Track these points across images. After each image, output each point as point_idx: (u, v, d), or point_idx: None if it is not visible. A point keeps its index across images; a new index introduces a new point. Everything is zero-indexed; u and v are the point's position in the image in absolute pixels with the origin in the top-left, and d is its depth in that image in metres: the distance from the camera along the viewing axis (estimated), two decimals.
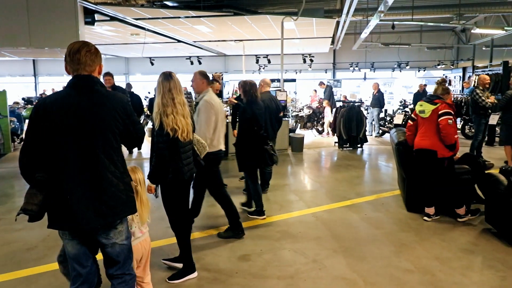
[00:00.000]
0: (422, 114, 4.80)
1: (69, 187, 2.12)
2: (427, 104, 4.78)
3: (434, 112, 4.67)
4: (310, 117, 13.62)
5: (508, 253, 3.88)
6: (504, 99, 7.36)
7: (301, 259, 3.80)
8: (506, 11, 12.13)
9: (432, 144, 4.68)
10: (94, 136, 2.14)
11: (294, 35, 13.57)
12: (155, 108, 3.18)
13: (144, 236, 2.88)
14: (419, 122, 4.89)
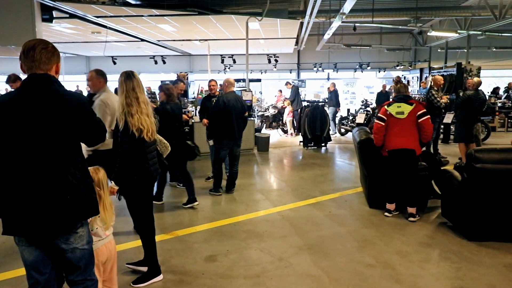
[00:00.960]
0: (400, 115, 4.83)
1: (25, 190, 2.03)
2: (405, 105, 4.85)
3: (412, 113, 4.80)
4: (275, 117, 13.75)
5: (463, 245, 4.09)
6: (462, 98, 7.74)
7: (268, 257, 3.83)
8: (459, 15, 12.75)
9: (411, 143, 4.81)
10: (51, 137, 2.05)
11: (259, 35, 13.64)
12: (118, 109, 3.10)
13: (109, 238, 2.82)
14: (392, 122, 4.87)
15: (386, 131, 4.92)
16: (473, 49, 17.32)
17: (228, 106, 5.73)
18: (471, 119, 7.65)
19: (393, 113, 4.88)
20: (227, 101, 5.74)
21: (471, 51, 16.49)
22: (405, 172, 4.88)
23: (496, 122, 13.08)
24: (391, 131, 4.90)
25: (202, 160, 8.58)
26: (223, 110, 5.72)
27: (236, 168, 6.15)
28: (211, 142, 6.16)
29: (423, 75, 16.00)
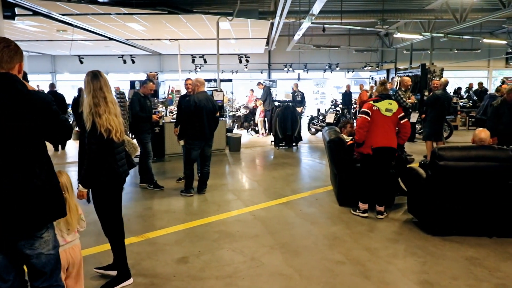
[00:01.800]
0: (388, 113, 4.84)
1: None
2: (395, 103, 4.91)
3: (397, 113, 4.89)
4: (247, 117, 13.77)
5: (428, 240, 4.25)
6: (431, 98, 8.02)
7: (239, 257, 3.84)
8: (423, 17, 13.22)
9: (394, 142, 4.90)
10: (15, 138, 1.99)
11: (230, 35, 13.62)
12: (85, 109, 3.02)
13: (71, 244, 2.74)
14: (378, 119, 4.81)
15: (369, 127, 4.82)
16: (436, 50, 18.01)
17: (199, 106, 5.70)
18: (440, 118, 7.94)
19: (382, 109, 4.82)
20: (198, 101, 5.71)
21: (435, 53, 17.13)
22: (384, 171, 4.96)
23: (458, 121, 13.63)
24: (376, 128, 4.81)
25: (173, 161, 8.51)
26: (194, 110, 5.69)
27: (207, 168, 6.12)
28: (181, 142, 6.11)
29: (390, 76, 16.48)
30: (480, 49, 19.13)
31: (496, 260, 3.74)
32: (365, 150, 4.84)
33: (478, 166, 4.10)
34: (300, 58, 20.56)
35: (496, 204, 4.16)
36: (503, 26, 16.27)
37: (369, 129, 4.82)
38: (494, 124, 6.49)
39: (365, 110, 4.84)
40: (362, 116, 4.85)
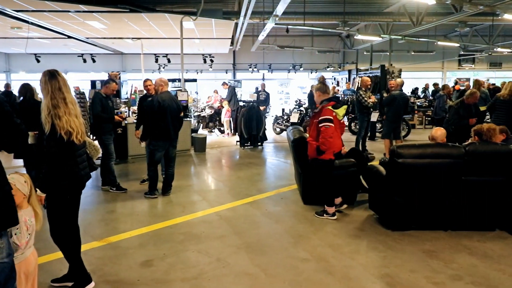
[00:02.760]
0: (340, 118, 4.95)
1: None
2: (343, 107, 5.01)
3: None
4: (212, 117, 13.70)
5: (388, 235, 4.41)
6: (388, 98, 8.31)
7: (205, 259, 3.83)
8: (382, 20, 13.67)
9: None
10: None
11: (194, 35, 13.51)
12: (43, 111, 2.89)
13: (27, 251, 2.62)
14: (336, 125, 4.88)
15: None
16: (394, 52, 18.69)
17: (163, 106, 5.62)
18: (397, 117, 8.24)
19: (339, 115, 4.91)
20: (161, 101, 5.63)
21: (393, 54, 17.78)
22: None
23: (415, 120, 14.20)
24: (336, 134, 4.90)
25: (137, 162, 8.34)
26: (158, 110, 5.61)
27: (172, 169, 6.04)
28: (143, 143, 5.98)
29: (351, 76, 16.93)
30: (435, 51, 20.04)
31: (451, 252, 3.94)
32: (328, 156, 4.83)
33: (433, 163, 4.29)
34: (264, 58, 20.70)
35: (450, 199, 4.37)
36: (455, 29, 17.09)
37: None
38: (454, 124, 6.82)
39: (330, 118, 4.76)
40: (330, 125, 4.74)
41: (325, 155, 4.80)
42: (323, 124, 4.70)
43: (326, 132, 4.70)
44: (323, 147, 4.73)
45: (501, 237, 4.31)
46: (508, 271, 3.55)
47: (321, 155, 4.80)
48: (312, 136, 4.91)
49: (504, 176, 4.27)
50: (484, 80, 18.37)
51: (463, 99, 7.02)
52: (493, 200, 4.36)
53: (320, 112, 4.79)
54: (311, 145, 4.90)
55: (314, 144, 4.84)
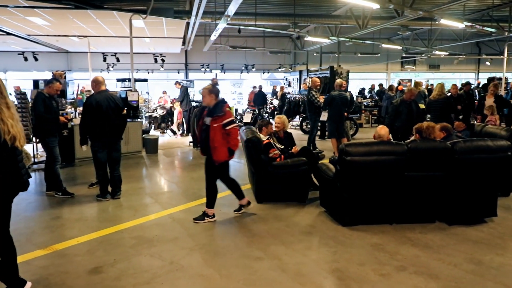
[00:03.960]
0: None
1: None
2: None
3: None
4: (164, 117, 13.44)
5: (338, 230, 4.56)
6: (327, 98, 8.63)
7: (158, 262, 3.76)
8: (330, 22, 14.12)
9: None
10: None
11: (144, 33, 13.18)
12: None
13: None
14: None
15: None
16: (343, 54, 19.37)
17: (98, 106, 5.44)
18: (339, 116, 8.55)
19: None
20: (97, 101, 5.45)
21: (341, 56, 18.42)
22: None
23: (362, 119, 14.81)
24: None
25: (85, 165, 8.01)
26: (93, 111, 5.43)
27: (117, 172, 5.86)
28: (84, 147, 5.74)
29: (302, 77, 17.33)
30: (380, 53, 21.05)
31: (396, 245, 4.15)
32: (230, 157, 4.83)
33: (379, 160, 4.50)
34: (217, 58, 20.64)
35: (395, 194, 4.62)
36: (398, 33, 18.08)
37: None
38: (392, 121, 7.19)
39: (233, 119, 4.84)
40: (236, 125, 4.81)
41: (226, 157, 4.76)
42: (231, 126, 4.68)
43: (235, 132, 4.74)
44: (236, 147, 4.74)
45: (440, 228, 4.61)
46: (447, 259, 3.80)
47: (232, 156, 4.78)
48: (218, 141, 4.63)
49: (443, 171, 4.57)
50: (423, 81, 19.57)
51: (403, 97, 7.44)
52: (433, 194, 4.65)
53: (224, 114, 4.68)
54: (222, 149, 4.65)
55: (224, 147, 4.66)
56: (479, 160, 4.55)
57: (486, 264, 3.71)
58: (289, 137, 6.31)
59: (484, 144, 4.63)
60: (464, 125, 6.58)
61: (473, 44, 22.56)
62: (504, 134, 5.85)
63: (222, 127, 4.65)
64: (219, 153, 4.67)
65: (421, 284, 3.35)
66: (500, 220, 4.82)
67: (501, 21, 13.86)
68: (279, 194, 5.62)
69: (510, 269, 3.62)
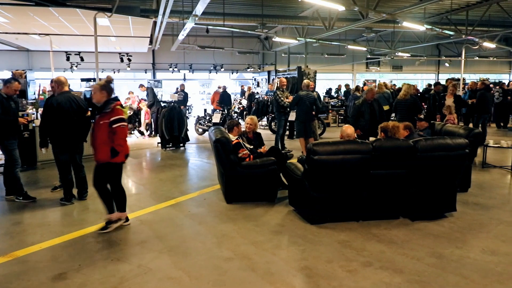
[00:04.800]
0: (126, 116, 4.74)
1: None
2: None
3: None
4: (131, 118, 13.16)
5: (306, 229, 4.63)
6: (295, 98, 8.74)
7: (125, 266, 3.68)
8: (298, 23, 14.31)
9: None
10: None
11: (110, 32, 12.85)
12: None
13: None
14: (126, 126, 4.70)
15: None
16: (310, 55, 19.68)
17: (61, 108, 5.27)
18: (307, 116, 8.68)
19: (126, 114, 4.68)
20: (58, 103, 5.29)
21: (309, 57, 18.71)
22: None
23: (330, 119, 15.09)
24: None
25: (47, 168, 7.73)
26: (54, 113, 5.25)
27: (83, 173, 5.70)
28: (44, 150, 5.54)
29: (271, 77, 17.46)
30: (346, 54, 21.53)
31: (362, 241, 4.26)
32: (121, 158, 4.51)
33: (345, 158, 4.60)
34: (185, 58, 20.44)
35: (361, 192, 4.74)
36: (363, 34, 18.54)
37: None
38: (356, 121, 7.38)
39: (123, 117, 4.52)
40: (125, 125, 4.51)
41: (118, 158, 4.45)
42: (118, 124, 4.40)
43: (122, 132, 4.46)
44: (120, 148, 4.42)
45: (404, 224, 4.78)
46: (410, 254, 3.95)
47: (114, 157, 4.42)
48: (101, 139, 4.41)
49: (406, 169, 4.73)
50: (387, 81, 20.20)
51: (364, 97, 7.65)
52: (397, 191, 4.81)
53: (112, 111, 4.44)
54: (104, 148, 4.40)
55: (107, 146, 4.39)
56: (439, 157, 4.74)
57: (447, 257, 3.88)
58: (258, 137, 6.35)
59: (443, 142, 4.84)
60: (426, 124, 6.84)
61: (433, 46, 23.48)
62: (462, 133, 6.14)
63: (108, 125, 4.39)
64: (101, 152, 4.41)
65: (386, 278, 3.46)
66: (459, 215, 5.05)
67: (459, 24, 14.53)
68: (248, 194, 5.64)
69: (469, 261, 3.80)
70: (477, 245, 4.17)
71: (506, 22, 14.99)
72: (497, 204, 5.55)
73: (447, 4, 13.06)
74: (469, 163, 5.96)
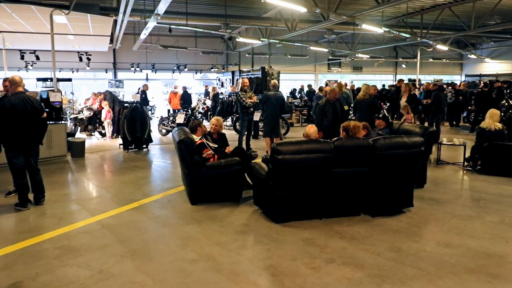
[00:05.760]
0: None
1: None
2: None
3: None
4: (91, 119, 12.75)
5: (271, 228, 4.68)
6: (263, 98, 8.82)
7: (86, 272, 3.57)
8: (261, 24, 14.40)
9: None
10: None
11: (67, 30, 12.39)
12: None
13: None
14: None
15: None
16: (273, 55, 19.87)
17: (14, 109, 5.04)
18: (275, 115, 8.77)
19: None
20: (11, 104, 5.04)
21: (272, 57, 18.89)
22: None
23: (293, 119, 15.30)
24: None
25: (0, 172, 7.33)
26: (7, 114, 5.02)
27: (39, 177, 5.46)
28: None
29: (235, 77, 17.48)
30: (308, 55, 21.91)
31: (325, 238, 4.36)
32: None
33: (308, 158, 4.69)
34: (147, 58, 20.06)
35: (323, 190, 4.84)
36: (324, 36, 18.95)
37: None
38: (320, 121, 7.53)
39: None
40: None
41: None
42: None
43: None
44: None
45: (364, 220, 4.93)
46: (371, 249, 4.08)
47: None
48: None
49: (366, 167, 4.88)
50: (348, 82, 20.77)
51: (327, 97, 7.83)
52: (358, 188, 4.96)
53: None
54: None
55: None
56: (397, 155, 4.93)
57: (405, 251, 4.05)
58: (222, 137, 6.34)
59: (401, 140, 5.04)
60: (384, 123, 7.08)
61: (391, 48, 24.38)
62: (418, 131, 6.41)
63: None
64: None
65: (348, 274, 3.56)
66: (416, 210, 5.27)
67: (415, 28, 15.18)
68: (213, 194, 5.61)
69: (425, 254, 3.98)
70: (432, 239, 4.38)
71: (457, 26, 15.80)
72: (451, 199, 5.84)
73: (403, 8, 13.60)
74: (424, 160, 6.24)
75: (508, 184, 6.59)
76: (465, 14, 13.98)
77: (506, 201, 5.70)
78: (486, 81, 17.91)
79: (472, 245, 4.19)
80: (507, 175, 7.00)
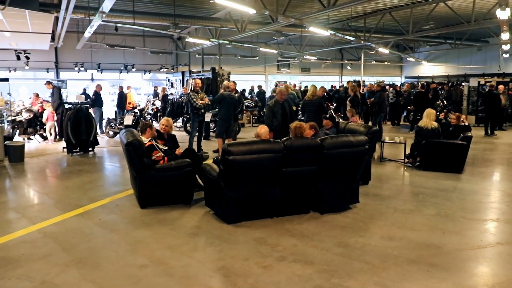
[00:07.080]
0: None
1: None
2: None
3: None
4: (31, 121, 12.00)
5: (223, 229, 4.68)
6: (217, 98, 8.82)
7: (26, 284, 3.37)
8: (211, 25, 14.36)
9: None
10: None
11: (3, 27, 11.57)
12: None
13: None
14: None
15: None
16: (223, 56, 19.88)
17: None
18: (229, 116, 8.78)
19: None
20: None
21: (223, 58, 18.89)
22: None
23: (244, 119, 15.38)
24: None
25: None
26: None
27: None
28: None
29: (185, 78, 17.25)
30: (258, 56, 22.17)
31: (276, 237, 4.44)
32: None
33: (259, 158, 4.75)
34: (92, 57, 19.25)
35: (274, 189, 4.93)
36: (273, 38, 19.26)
37: None
38: (270, 121, 7.65)
39: None
40: None
41: None
42: None
43: None
44: None
45: (314, 217, 5.08)
46: (320, 245, 4.21)
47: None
48: None
49: (314, 165, 5.03)
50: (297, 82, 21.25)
51: (276, 98, 7.99)
52: (307, 187, 5.10)
53: None
54: None
55: None
56: (343, 153, 5.13)
57: (352, 245, 4.22)
58: (172, 139, 6.25)
59: (347, 139, 5.24)
60: (331, 123, 7.33)
61: (337, 50, 25.24)
62: (363, 130, 6.71)
63: None
64: None
65: (299, 271, 3.65)
66: (361, 206, 5.52)
67: (358, 31, 15.85)
68: (163, 197, 5.51)
69: (370, 248, 4.18)
70: (377, 233, 4.61)
71: (397, 30, 16.69)
72: (393, 194, 6.18)
73: (347, 12, 14.14)
74: (369, 158, 6.54)
75: (443, 179, 7.08)
76: (404, 19, 14.81)
77: (442, 195, 6.12)
78: (424, 82, 19.09)
79: (413, 237, 4.46)
80: (443, 170, 7.52)
